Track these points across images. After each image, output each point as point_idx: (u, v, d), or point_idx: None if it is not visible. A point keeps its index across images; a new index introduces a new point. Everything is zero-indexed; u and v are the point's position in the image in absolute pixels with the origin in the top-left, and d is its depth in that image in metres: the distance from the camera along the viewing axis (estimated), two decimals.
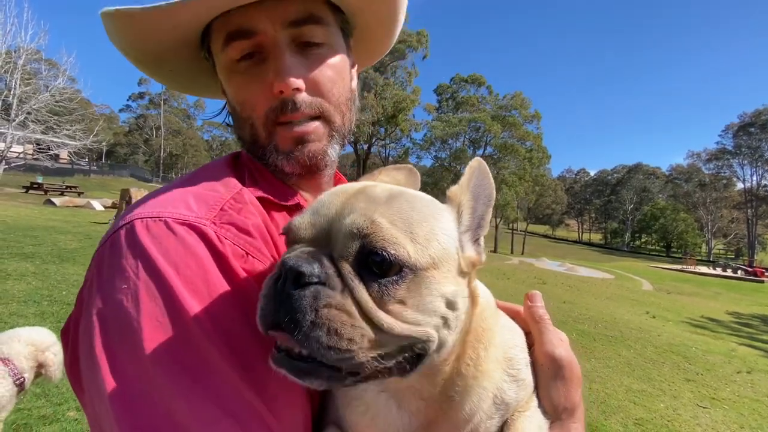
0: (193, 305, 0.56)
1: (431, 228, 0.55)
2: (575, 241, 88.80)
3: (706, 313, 14.74)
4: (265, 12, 0.72)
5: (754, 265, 40.18)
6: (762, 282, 29.63)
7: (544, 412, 0.67)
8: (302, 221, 0.56)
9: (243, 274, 0.62)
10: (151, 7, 0.68)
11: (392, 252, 0.49)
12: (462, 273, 0.59)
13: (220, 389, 0.54)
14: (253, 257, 0.65)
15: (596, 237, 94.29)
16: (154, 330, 0.54)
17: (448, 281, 0.55)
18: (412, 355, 0.53)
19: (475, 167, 0.63)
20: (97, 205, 21.64)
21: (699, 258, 55.42)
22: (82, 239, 10.98)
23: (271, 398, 0.57)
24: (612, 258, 52.14)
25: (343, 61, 0.83)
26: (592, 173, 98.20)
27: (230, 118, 0.91)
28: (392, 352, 0.51)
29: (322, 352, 0.46)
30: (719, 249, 72.84)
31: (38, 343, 2.56)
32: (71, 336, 0.65)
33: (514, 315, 0.76)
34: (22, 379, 2.43)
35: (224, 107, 0.93)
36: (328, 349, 0.46)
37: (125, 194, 14.94)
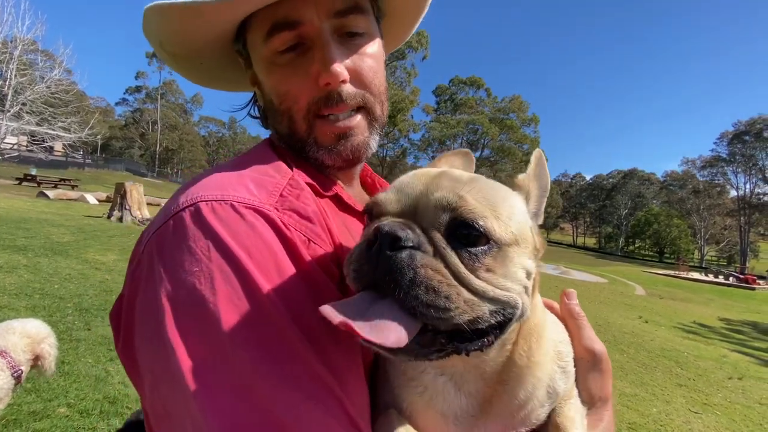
0: (268, 289, 0.56)
1: (511, 207, 0.58)
2: (570, 245, 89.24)
3: (698, 318, 14.86)
4: (311, 2, 0.72)
5: (746, 272, 40.56)
6: (753, 289, 29.93)
7: (582, 402, 0.72)
8: (388, 197, 0.59)
9: (309, 261, 0.63)
10: (211, 1, 0.67)
11: (481, 224, 0.52)
12: (535, 254, 0.61)
13: (300, 372, 0.54)
14: (315, 243, 0.66)
15: (590, 241, 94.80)
16: (231, 313, 0.54)
17: (526, 257, 0.58)
18: (500, 320, 0.55)
19: (539, 157, 0.66)
20: (91, 198, 21.40)
21: (691, 264, 55.88)
22: (75, 232, 10.87)
23: (344, 380, 0.58)
24: (606, 262, 52.45)
25: (380, 49, 0.83)
26: (587, 178, 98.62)
27: (255, 109, 0.92)
28: (485, 316, 0.52)
29: (421, 310, 0.48)
30: (711, 255, 73.50)
31: (34, 335, 2.52)
32: (124, 318, 0.64)
33: (547, 309, 0.78)
34: (19, 372, 2.40)
35: (251, 100, 0.94)
36: (427, 307, 0.48)
37: (120, 188, 14.80)
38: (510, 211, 0.57)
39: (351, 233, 0.77)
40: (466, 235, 0.52)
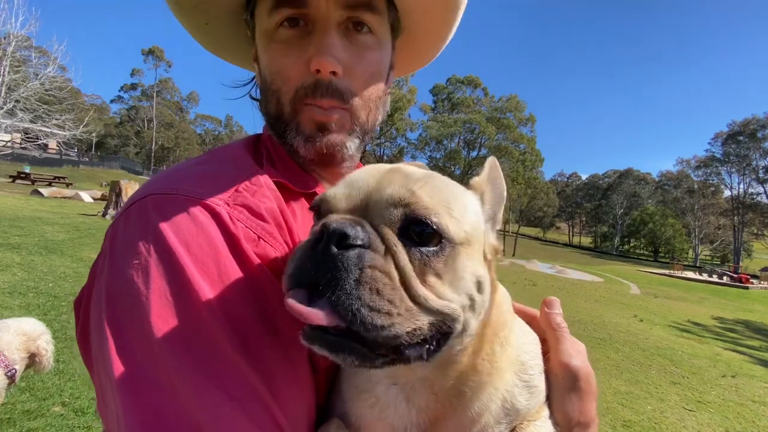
0: (203, 286, 0.55)
1: (464, 205, 0.56)
2: (566, 244, 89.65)
3: (692, 317, 14.96)
4: None
5: (740, 271, 40.90)
6: (746, 288, 30.14)
7: (555, 424, 0.64)
8: (338, 192, 0.56)
9: (254, 258, 0.60)
10: None
11: (435, 220, 0.50)
12: (486, 258, 0.59)
13: (225, 373, 0.53)
14: (265, 242, 0.63)
15: (586, 240, 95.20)
16: (162, 308, 0.53)
17: (478, 261, 0.55)
18: (439, 333, 0.52)
19: (493, 163, 0.66)
20: (86, 196, 21.24)
21: (686, 263, 56.30)
22: (70, 231, 10.79)
23: (276, 385, 0.56)
24: (601, 261, 52.72)
25: (385, 58, 0.81)
26: (583, 177, 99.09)
27: (256, 90, 0.89)
28: (424, 328, 0.49)
29: (362, 313, 0.44)
30: (705, 255, 74.04)
31: (29, 333, 2.50)
32: (83, 308, 0.64)
33: (529, 320, 0.74)
34: (13, 371, 2.38)
35: (252, 79, 0.91)
36: (370, 310, 0.45)
37: (115, 186, 14.71)
38: (463, 209, 0.55)
39: None
40: (418, 232, 0.50)
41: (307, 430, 0.61)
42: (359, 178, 0.56)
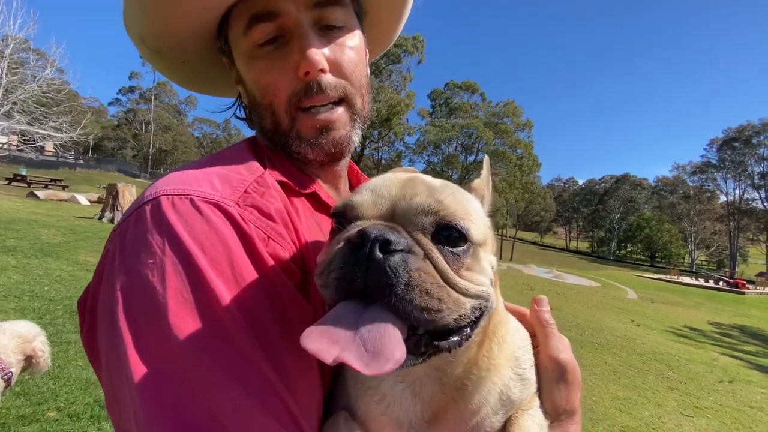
0: (219, 285, 0.56)
1: (476, 209, 0.63)
2: (563, 249, 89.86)
3: (689, 322, 14.98)
4: None
5: (735, 276, 41.02)
6: (743, 293, 30.22)
7: (545, 413, 0.70)
8: (364, 199, 0.59)
9: (267, 258, 0.62)
10: None
11: (463, 225, 0.56)
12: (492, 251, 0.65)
13: (243, 368, 0.54)
14: (274, 241, 0.65)
15: (583, 245, 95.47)
16: (178, 306, 0.54)
17: (491, 254, 0.63)
18: (479, 313, 0.57)
19: (487, 164, 0.72)
20: (82, 199, 21.13)
21: (682, 268, 56.48)
22: (66, 233, 10.72)
23: (291, 380, 0.58)
24: (598, 266, 52.84)
25: (361, 43, 0.83)
26: (580, 182, 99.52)
27: (241, 110, 0.91)
28: (468, 311, 0.54)
29: (415, 314, 0.48)
30: (702, 260, 74.33)
31: (24, 336, 2.49)
32: (89, 307, 0.64)
33: (519, 317, 0.78)
34: (9, 374, 2.36)
35: (236, 100, 0.93)
36: (421, 310, 0.48)
37: (112, 189, 14.64)
38: (477, 213, 0.62)
39: (324, 233, 0.76)
40: (447, 236, 0.55)
41: (317, 422, 0.63)
42: (381, 186, 0.60)
